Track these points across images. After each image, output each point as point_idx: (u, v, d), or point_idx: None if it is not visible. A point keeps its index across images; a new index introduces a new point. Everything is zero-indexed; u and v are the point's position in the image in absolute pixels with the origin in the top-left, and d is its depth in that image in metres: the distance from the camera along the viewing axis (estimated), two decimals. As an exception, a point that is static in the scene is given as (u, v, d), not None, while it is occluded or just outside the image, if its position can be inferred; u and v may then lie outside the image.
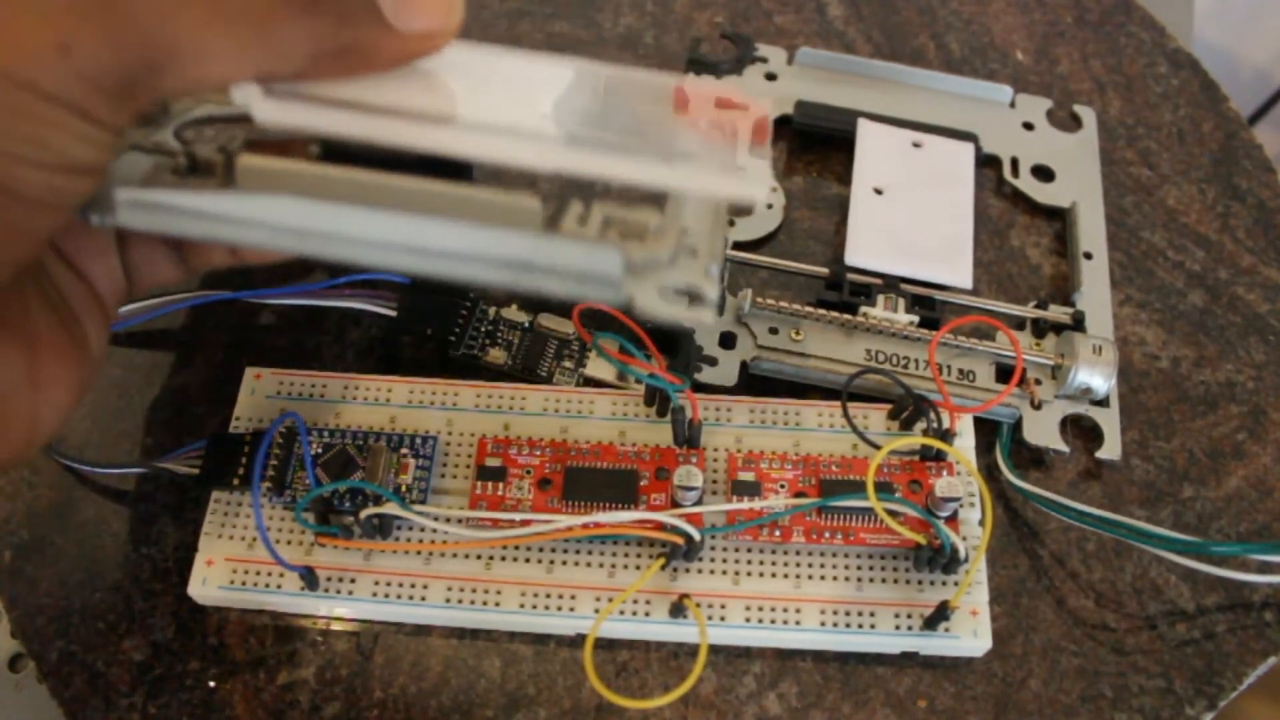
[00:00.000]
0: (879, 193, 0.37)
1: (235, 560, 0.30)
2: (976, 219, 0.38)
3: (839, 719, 0.29)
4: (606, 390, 0.32)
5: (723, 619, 0.29)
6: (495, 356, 0.33)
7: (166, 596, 0.30)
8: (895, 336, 0.34)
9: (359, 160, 0.22)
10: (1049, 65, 0.44)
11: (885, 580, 0.30)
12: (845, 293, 0.35)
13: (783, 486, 0.30)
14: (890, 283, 0.35)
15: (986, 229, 0.39)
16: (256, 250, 0.27)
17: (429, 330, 0.34)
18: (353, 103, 0.21)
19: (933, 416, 0.30)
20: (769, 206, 0.38)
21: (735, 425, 0.32)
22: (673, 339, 0.33)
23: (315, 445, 0.30)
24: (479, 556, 0.30)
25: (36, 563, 0.31)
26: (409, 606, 0.29)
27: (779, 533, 0.29)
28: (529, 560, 0.30)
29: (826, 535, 0.29)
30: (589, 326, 0.32)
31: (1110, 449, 0.33)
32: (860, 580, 0.30)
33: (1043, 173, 0.40)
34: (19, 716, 0.32)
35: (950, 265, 0.36)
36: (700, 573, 0.30)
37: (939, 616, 0.28)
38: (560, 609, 0.29)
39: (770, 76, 0.41)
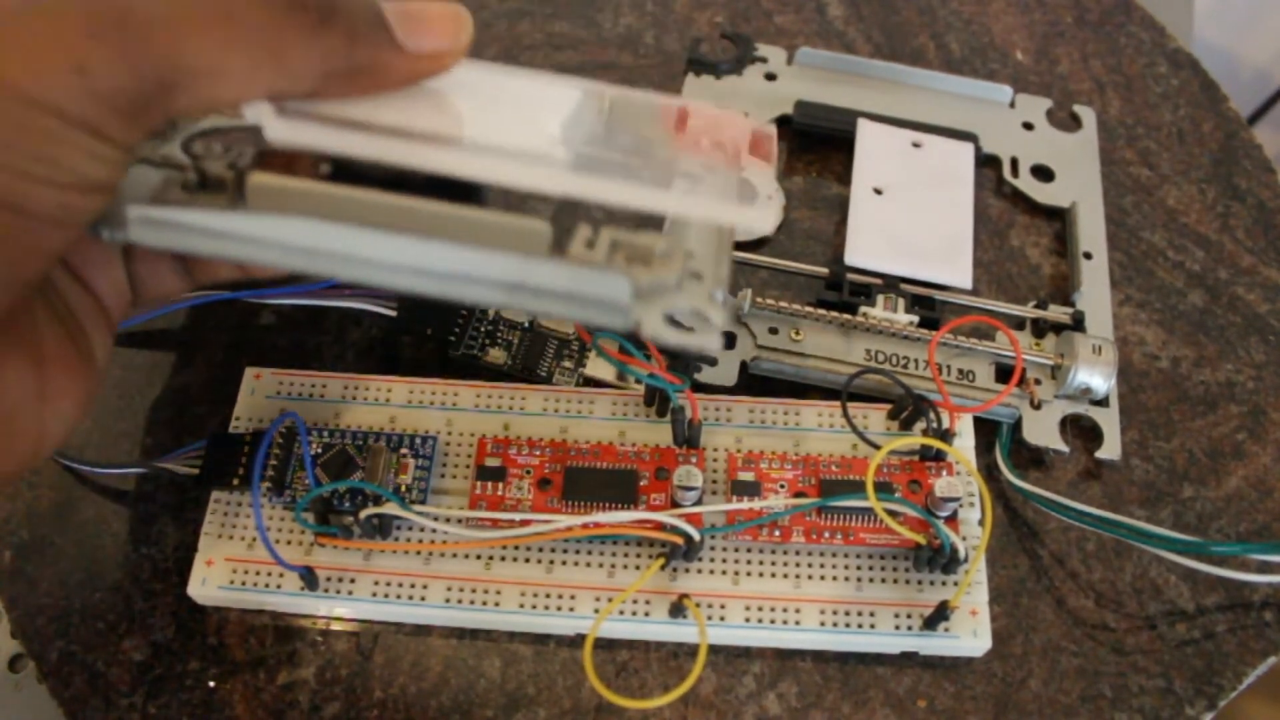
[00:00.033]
0: (879, 193, 0.37)
1: (235, 560, 0.30)
2: (976, 219, 0.38)
3: (839, 719, 0.29)
4: (606, 390, 0.32)
5: (722, 619, 0.29)
6: (495, 356, 0.33)
7: (166, 596, 0.30)
8: (895, 336, 0.34)
9: (369, 180, 0.22)
10: (1049, 65, 0.44)
11: (885, 580, 0.30)
12: (845, 293, 0.35)
13: (782, 486, 0.30)
14: (890, 283, 0.35)
15: (986, 229, 0.39)
16: (266, 267, 0.27)
17: (429, 330, 0.34)
18: (363, 122, 0.21)
19: (932, 416, 0.30)
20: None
21: (735, 425, 0.32)
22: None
23: (315, 445, 0.30)
24: (479, 556, 0.30)
25: (36, 563, 0.31)
26: (409, 606, 0.29)
27: (779, 533, 0.29)
28: (529, 560, 0.30)
29: (826, 535, 0.29)
30: (589, 327, 0.32)
31: (1110, 449, 0.33)
32: (860, 580, 0.30)
33: (1042, 173, 0.40)
34: (19, 716, 0.32)
35: (950, 265, 0.36)
36: (700, 573, 0.30)
37: (939, 616, 0.28)
38: (560, 609, 0.29)
39: (770, 76, 0.41)
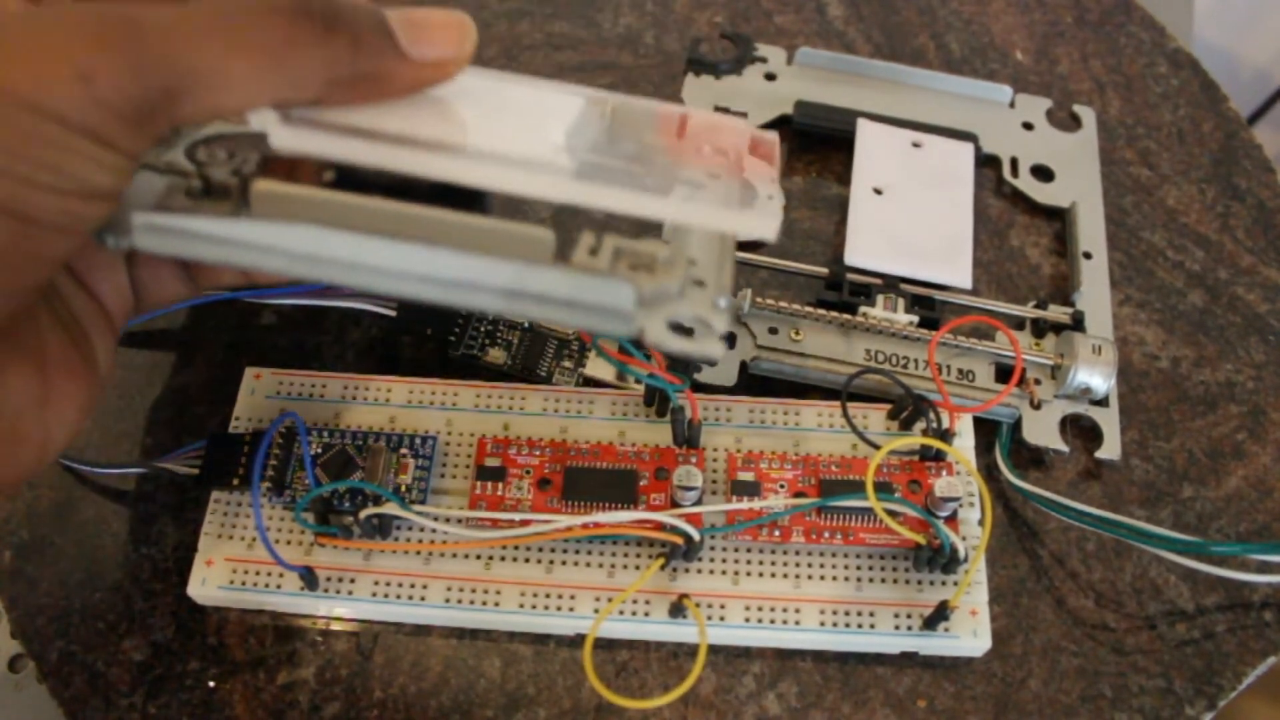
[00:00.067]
0: (879, 193, 0.37)
1: (235, 560, 0.30)
2: (976, 219, 0.38)
3: (839, 719, 0.29)
4: (606, 390, 0.32)
5: (722, 619, 0.29)
6: (495, 356, 0.33)
7: (166, 596, 0.30)
8: (895, 336, 0.34)
9: (373, 187, 0.22)
10: (1049, 65, 0.44)
11: (885, 580, 0.30)
12: (845, 293, 0.35)
13: (782, 486, 0.30)
14: (890, 283, 0.35)
15: (986, 229, 0.39)
16: (270, 274, 0.27)
17: (429, 330, 0.34)
18: (367, 129, 0.21)
19: (932, 416, 0.30)
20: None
21: (735, 425, 0.32)
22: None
23: (315, 445, 0.30)
24: (478, 556, 0.30)
25: (36, 563, 0.31)
26: (409, 606, 0.29)
27: (779, 533, 0.29)
28: (529, 560, 0.30)
29: (826, 535, 0.29)
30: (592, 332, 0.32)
31: (1110, 449, 0.33)
32: (860, 580, 0.30)
33: (1042, 173, 0.40)
34: (19, 716, 0.32)
35: (950, 265, 0.36)
36: (700, 573, 0.30)
37: (939, 616, 0.28)
38: (560, 609, 0.29)
39: (770, 76, 0.41)
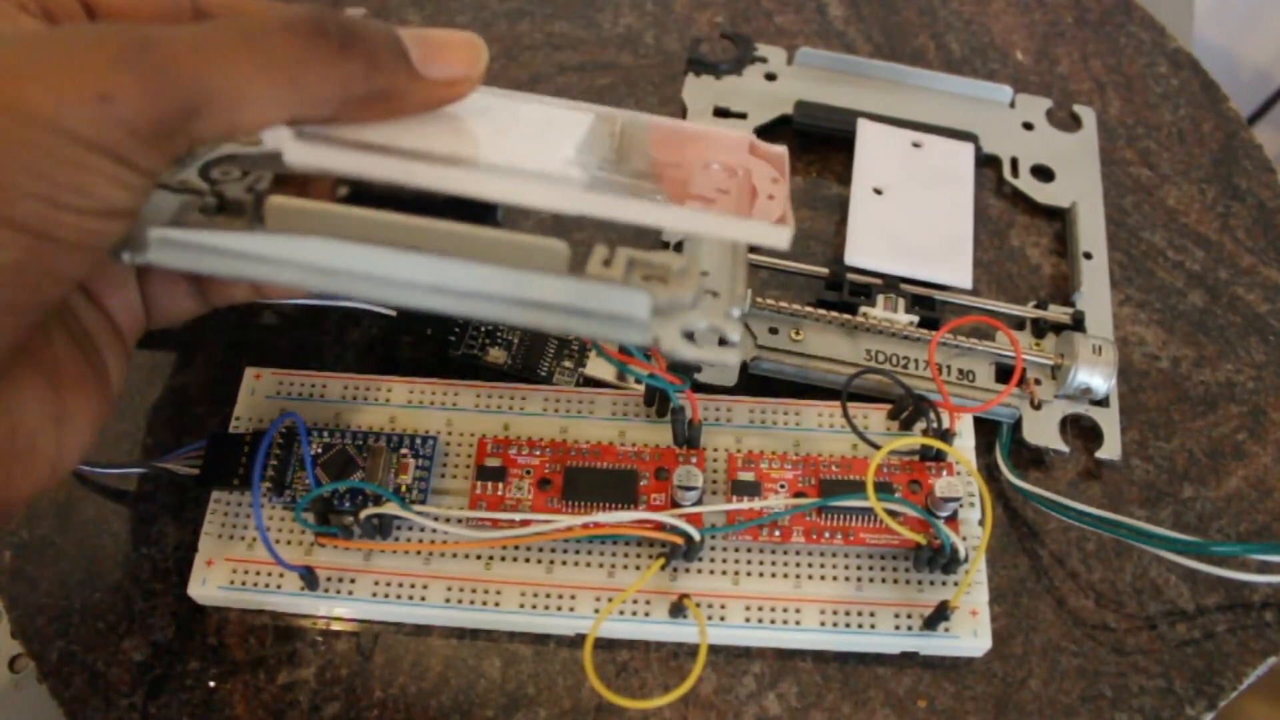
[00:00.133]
0: (879, 193, 0.37)
1: (235, 560, 0.30)
2: (976, 219, 0.38)
3: (839, 719, 0.29)
4: (606, 390, 0.32)
5: (723, 619, 0.29)
6: (495, 356, 0.33)
7: (166, 596, 0.30)
8: (895, 336, 0.34)
9: (386, 203, 0.22)
10: (1049, 65, 0.44)
11: (885, 580, 0.30)
12: (845, 293, 0.35)
13: (782, 486, 0.30)
14: (890, 283, 0.35)
15: (986, 229, 0.39)
16: (283, 288, 0.27)
17: (429, 330, 0.34)
18: (380, 145, 0.21)
19: (932, 416, 0.30)
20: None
21: (735, 425, 0.32)
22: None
23: (315, 445, 0.30)
24: (479, 556, 0.30)
25: (36, 563, 0.31)
26: (409, 606, 0.29)
27: (779, 533, 0.29)
28: (529, 560, 0.30)
29: (826, 535, 0.29)
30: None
31: (1110, 449, 0.33)
32: (860, 580, 0.30)
33: (1043, 173, 0.40)
34: (19, 716, 0.32)
35: (950, 265, 0.36)
36: (700, 573, 0.30)
37: (939, 616, 0.28)
38: (560, 609, 0.29)
39: (770, 76, 0.41)
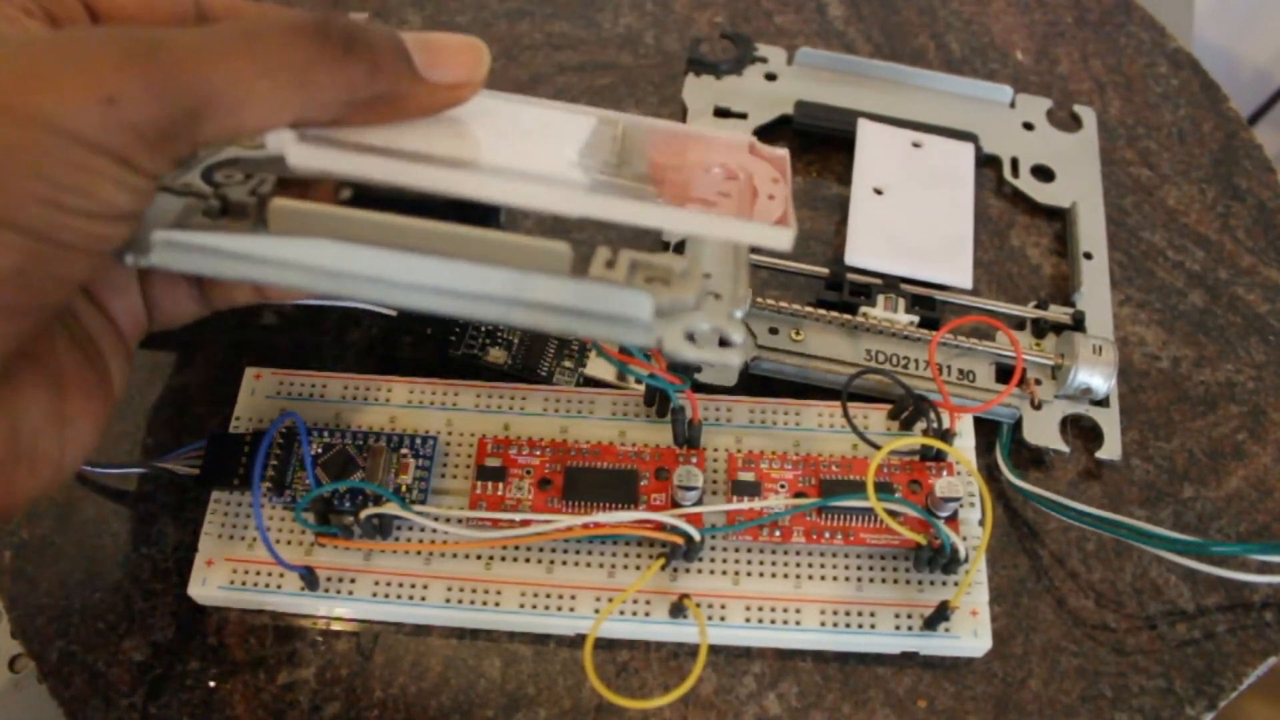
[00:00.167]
0: (879, 193, 0.37)
1: (235, 560, 0.30)
2: (976, 219, 0.38)
3: (839, 719, 0.29)
4: (606, 390, 0.32)
5: (723, 619, 0.29)
6: (495, 356, 0.33)
7: (166, 596, 0.30)
8: (895, 336, 0.34)
9: (389, 206, 0.22)
10: (1049, 65, 0.44)
11: (885, 580, 0.30)
12: (845, 293, 0.35)
13: (783, 486, 0.30)
14: (890, 283, 0.35)
15: (986, 229, 0.39)
16: (287, 290, 0.27)
17: (429, 330, 0.34)
18: (383, 148, 0.21)
19: (933, 416, 0.30)
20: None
21: (735, 425, 0.32)
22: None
23: (315, 445, 0.30)
24: (479, 556, 0.30)
25: (36, 563, 0.31)
26: (409, 606, 0.29)
27: (779, 533, 0.29)
28: (529, 560, 0.30)
29: (826, 535, 0.29)
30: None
31: (1110, 449, 0.33)
32: (860, 580, 0.30)
33: (1043, 173, 0.40)
34: (19, 716, 0.32)
35: (950, 265, 0.36)
36: (700, 573, 0.30)
37: (939, 616, 0.28)
38: (560, 609, 0.29)
39: (770, 76, 0.41)
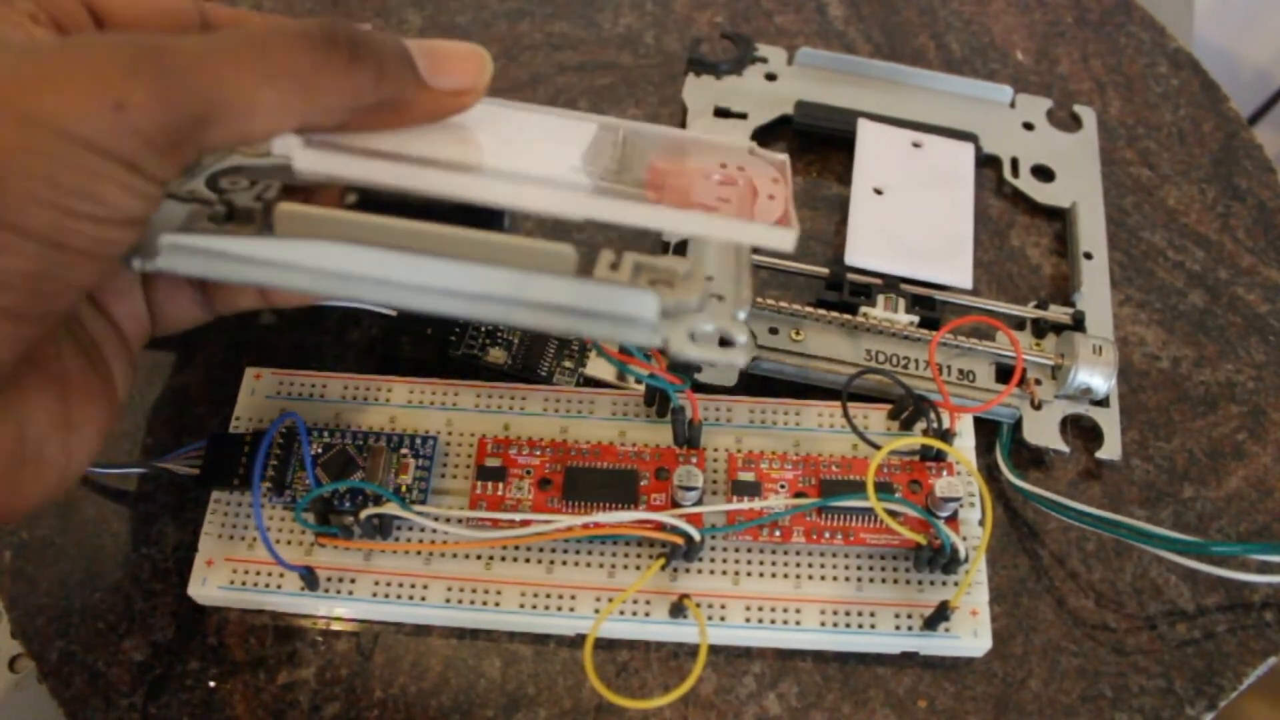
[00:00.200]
0: (879, 193, 0.37)
1: (235, 560, 0.30)
2: (976, 219, 0.38)
3: (839, 719, 0.29)
4: (606, 390, 0.32)
5: (723, 619, 0.29)
6: (495, 356, 0.33)
7: (166, 596, 0.30)
8: (895, 336, 0.34)
9: (394, 210, 0.22)
10: (1049, 65, 0.44)
11: (885, 580, 0.30)
12: (845, 293, 0.35)
13: (783, 486, 0.30)
14: (890, 283, 0.35)
15: (986, 229, 0.39)
16: (292, 293, 0.28)
17: (429, 330, 0.34)
18: (388, 153, 0.21)
19: (933, 416, 0.30)
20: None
21: (735, 425, 0.32)
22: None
23: (315, 445, 0.30)
24: (479, 556, 0.30)
25: (36, 563, 0.31)
26: (409, 606, 0.29)
27: (779, 533, 0.29)
28: (529, 560, 0.30)
29: (826, 535, 0.29)
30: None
31: (1110, 449, 0.33)
32: (860, 580, 0.30)
33: (1043, 173, 0.40)
34: (19, 716, 0.32)
35: (950, 265, 0.36)
36: (700, 573, 0.30)
37: (939, 616, 0.28)
38: (560, 609, 0.29)
39: (770, 76, 0.41)
